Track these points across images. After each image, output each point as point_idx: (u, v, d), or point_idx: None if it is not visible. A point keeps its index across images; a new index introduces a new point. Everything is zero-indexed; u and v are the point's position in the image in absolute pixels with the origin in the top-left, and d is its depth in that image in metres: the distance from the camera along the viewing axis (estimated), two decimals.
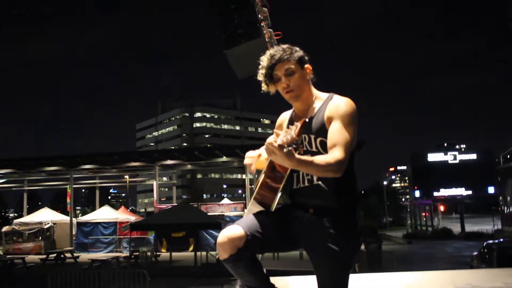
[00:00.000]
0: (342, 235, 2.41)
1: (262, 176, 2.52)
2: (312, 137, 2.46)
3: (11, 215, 68.63)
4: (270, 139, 2.14)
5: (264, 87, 2.60)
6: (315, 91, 2.62)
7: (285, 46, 2.59)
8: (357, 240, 2.53)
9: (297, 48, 2.59)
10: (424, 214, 50.14)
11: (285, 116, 2.79)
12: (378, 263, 19.28)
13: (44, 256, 24.21)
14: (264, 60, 2.56)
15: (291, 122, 2.67)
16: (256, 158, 2.69)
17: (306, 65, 2.57)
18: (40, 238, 30.01)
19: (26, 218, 32.53)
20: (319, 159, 2.25)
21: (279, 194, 2.49)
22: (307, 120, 2.22)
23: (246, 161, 2.71)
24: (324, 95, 2.59)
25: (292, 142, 2.07)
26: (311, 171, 2.34)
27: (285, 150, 2.08)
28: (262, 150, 2.70)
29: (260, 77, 2.59)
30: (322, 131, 2.43)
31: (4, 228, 31.27)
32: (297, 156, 2.15)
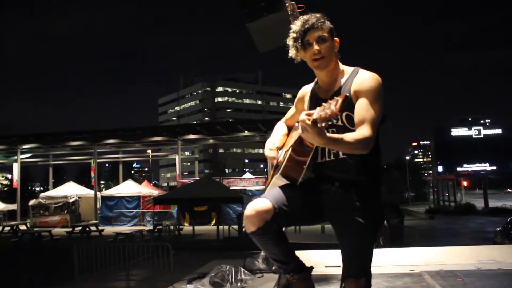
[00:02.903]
0: (368, 208, 2.42)
1: (289, 150, 2.51)
2: None
3: (37, 189, 69.82)
4: (303, 116, 2.11)
5: (292, 52, 2.55)
6: (340, 65, 2.58)
7: (318, 14, 2.53)
8: (381, 213, 2.54)
9: (329, 19, 2.54)
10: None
11: (306, 89, 2.75)
12: (400, 238, 19.18)
13: (70, 229, 24.70)
14: (297, 24, 2.51)
15: (314, 95, 2.64)
16: (277, 151, 2.68)
17: (336, 38, 2.54)
18: (65, 211, 30.54)
19: (52, 192, 33.09)
20: (349, 136, 2.23)
21: (306, 168, 2.48)
22: (348, 95, 2.17)
23: (268, 153, 2.70)
24: (349, 69, 2.55)
25: (332, 117, 2.03)
26: (341, 148, 2.33)
27: (323, 124, 2.06)
28: (277, 140, 2.72)
29: (290, 41, 2.54)
30: (349, 105, 2.37)
31: (31, 202, 31.89)
32: (328, 134, 2.14)
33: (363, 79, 2.42)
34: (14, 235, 24.11)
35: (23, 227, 27.84)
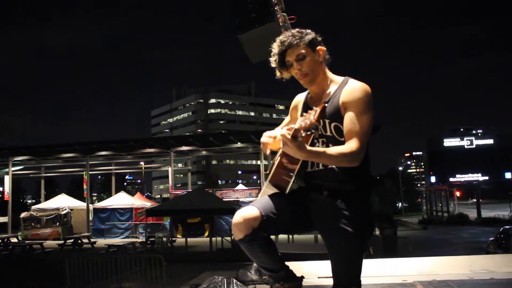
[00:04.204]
0: (356, 216, 2.41)
1: (278, 159, 2.52)
2: (327, 121, 2.44)
3: (29, 201, 69.33)
4: (283, 131, 2.14)
5: (278, 74, 2.59)
6: (330, 74, 2.59)
7: (294, 30, 2.56)
8: (371, 222, 2.53)
9: (308, 31, 2.56)
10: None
11: (300, 98, 2.77)
12: (393, 248, 19.21)
13: (62, 242, 24.54)
14: (274, 47, 2.55)
15: (306, 104, 2.66)
16: (273, 139, 2.68)
17: (318, 47, 2.53)
18: (57, 224, 30.32)
19: (44, 204, 32.91)
20: (332, 150, 2.25)
21: (294, 177, 2.48)
22: (326, 105, 2.20)
23: (264, 139, 2.71)
24: (339, 79, 2.56)
25: (311, 127, 2.06)
26: (324, 161, 2.35)
27: (304, 134, 2.09)
28: (278, 132, 2.71)
29: (273, 64, 2.58)
30: (337, 116, 2.41)
31: (23, 214, 31.68)
32: (308, 148, 2.17)
33: (351, 90, 2.42)
34: (5, 248, 23.92)
35: (14, 240, 27.63)
